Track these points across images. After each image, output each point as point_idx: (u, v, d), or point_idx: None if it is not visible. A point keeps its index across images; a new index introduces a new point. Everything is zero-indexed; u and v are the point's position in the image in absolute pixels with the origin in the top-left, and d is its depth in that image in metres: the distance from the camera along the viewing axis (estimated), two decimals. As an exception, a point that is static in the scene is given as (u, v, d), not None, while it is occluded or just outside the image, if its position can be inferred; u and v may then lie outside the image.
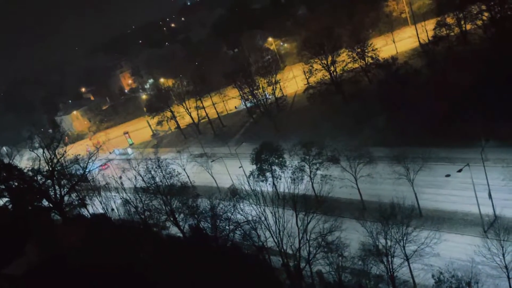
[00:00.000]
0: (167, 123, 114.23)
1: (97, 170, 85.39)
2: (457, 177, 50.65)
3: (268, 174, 60.79)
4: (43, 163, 66.33)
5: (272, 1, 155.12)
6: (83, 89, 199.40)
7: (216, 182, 73.14)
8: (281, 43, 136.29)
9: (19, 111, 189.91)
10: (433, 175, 54.51)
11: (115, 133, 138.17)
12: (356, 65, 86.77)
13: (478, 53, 69.25)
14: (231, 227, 45.62)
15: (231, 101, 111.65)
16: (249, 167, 64.22)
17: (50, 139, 71.37)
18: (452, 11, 79.21)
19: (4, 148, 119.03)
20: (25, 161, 79.86)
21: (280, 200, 48.42)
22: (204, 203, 54.61)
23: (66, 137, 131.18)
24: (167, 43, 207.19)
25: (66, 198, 64.93)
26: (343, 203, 57.46)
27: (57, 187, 64.19)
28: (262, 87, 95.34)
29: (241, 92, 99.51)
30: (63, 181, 66.37)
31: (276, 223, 40.97)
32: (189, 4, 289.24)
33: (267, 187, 56.05)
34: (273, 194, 51.15)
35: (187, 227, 53.27)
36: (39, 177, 64.61)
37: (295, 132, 78.80)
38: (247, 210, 44.59)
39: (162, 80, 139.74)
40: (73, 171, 70.24)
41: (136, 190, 58.24)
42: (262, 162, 61.35)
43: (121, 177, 73.81)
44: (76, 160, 72.11)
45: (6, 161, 69.63)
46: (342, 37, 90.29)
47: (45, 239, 45.33)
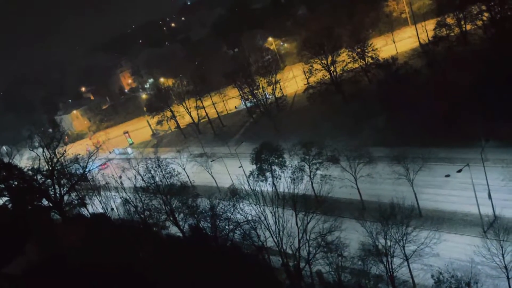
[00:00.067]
0: (167, 123, 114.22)
1: (97, 169, 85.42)
2: (456, 177, 50.67)
3: (268, 174, 60.79)
4: (43, 163, 66.36)
5: (272, 1, 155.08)
6: (83, 89, 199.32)
7: (216, 181, 73.14)
8: (281, 43, 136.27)
9: (19, 110, 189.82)
10: (432, 175, 54.54)
11: (115, 132, 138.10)
12: (356, 65, 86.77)
13: (478, 53, 69.24)
14: (231, 227, 45.64)
15: (231, 101, 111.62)
16: (249, 167, 64.23)
17: (50, 139, 71.40)
18: (452, 11, 79.23)
19: (4, 147, 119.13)
20: (25, 160, 79.91)
21: (279, 200, 48.39)
22: (203, 203, 54.63)
23: (66, 137, 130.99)
24: (167, 43, 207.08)
25: (66, 197, 64.90)
26: (343, 203, 57.46)
27: (57, 187, 64.17)
28: (262, 87, 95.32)
29: (241, 92, 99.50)
30: (63, 181, 66.37)
31: (275, 223, 40.99)
32: (189, 3, 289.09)
33: (267, 187, 56.04)
34: (273, 194, 51.13)
35: (186, 226, 53.29)
36: (39, 177, 64.60)
37: (295, 132, 78.78)
38: (247, 210, 44.60)
39: (162, 79, 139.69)
40: (73, 171, 70.25)
41: (136, 189, 58.20)
42: (262, 162, 61.35)
43: (121, 177, 73.84)
44: (76, 159, 72.08)
45: (6, 160, 69.60)
46: (342, 37, 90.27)
47: (45, 239, 45.33)
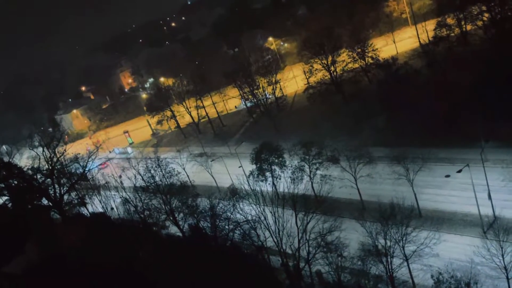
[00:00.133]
0: (167, 123, 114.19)
1: (97, 169, 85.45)
2: (456, 178, 50.67)
3: (268, 173, 60.78)
4: (43, 162, 66.37)
5: (272, 1, 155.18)
6: (83, 88, 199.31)
7: (215, 181, 73.14)
8: (281, 43, 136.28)
9: (19, 109, 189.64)
10: (432, 175, 54.54)
11: (115, 132, 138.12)
12: (356, 65, 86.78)
13: (478, 53, 69.25)
14: (231, 226, 45.60)
15: (231, 100, 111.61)
16: (249, 166, 64.23)
17: (50, 138, 71.47)
18: (453, 11, 79.25)
19: (4, 146, 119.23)
20: (25, 159, 79.91)
21: (279, 200, 48.35)
22: (203, 203, 54.62)
23: (66, 136, 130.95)
24: (167, 42, 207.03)
25: (65, 197, 64.88)
26: (343, 203, 57.45)
27: (56, 186, 64.15)
28: (262, 86, 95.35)
29: (241, 91, 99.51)
30: (63, 180, 66.35)
31: (275, 223, 40.96)
32: (189, 3, 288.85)
33: (266, 186, 56.00)
34: (272, 194, 51.06)
35: (186, 226, 53.30)
36: (38, 176, 64.60)
37: (295, 132, 78.77)
38: (247, 210, 44.56)
39: (162, 79, 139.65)
40: (73, 170, 70.25)
41: (136, 189, 58.21)
42: (262, 162, 61.35)
43: (120, 176, 73.94)
44: (76, 159, 72.11)
45: (6, 159, 69.70)
46: (342, 37, 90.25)
47: (45, 238, 45.28)
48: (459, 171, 45.37)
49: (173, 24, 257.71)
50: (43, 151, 66.88)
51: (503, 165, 51.77)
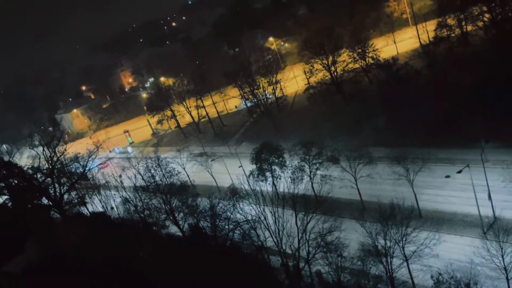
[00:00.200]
0: (167, 122, 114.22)
1: (97, 168, 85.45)
2: (456, 178, 50.71)
3: (268, 173, 60.81)
4: (43, 161, 66.29)
5: (273, 1, 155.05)
6: (84, 88, 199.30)
7: (215, 181, 73.15)
8: (281, 42, 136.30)
9: (20, 109, 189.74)
10: (432, 176, 54.54)
11: (115, 131, 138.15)
12: (357, 65, 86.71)
13: (478, 54, 69.25)
14: (231, 226, 45.62)
15: (232, 100, 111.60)
16: (249, 166, 64.24)
17: (50, 137, 71.38)
18: (453, 12, 79.20)
19: (4, 146, 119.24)
20: (25, 159, 79.91)
21: (279, 200, 48.38)
22: (203, 202, 54.66)
23: (66, 135, 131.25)
24: (167, 42, 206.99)
25: (65, 196, 64.85)
26: (343, 203, 57.46)
27: (57, 185, 64.11)
28: (263, 86, 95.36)
29: (241, 91, 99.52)
30: (63, 179, 66.31)
31: (275, 223, 40.98)
32: (190, 3, 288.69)
33: (266, 186, 56.03)
34: (272, 194, 51.11)
35: (186, 226, 53.32)
36: (39, 175, 64.57)
37: (295, 132, 78.82)
38: (247, 210, 44.58)
39: (162, 79, 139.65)
40: (73, 170, 70.25)
41: (136, 188, 58.24)
42: (262, 162, 61.36)
43: (121, 176, 73.96)
44: (76, 158, 72.11)
45: (6, 159, 69.60)
46: (342, 37, 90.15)
47: (45, 237, 45.26)
48: (459, 172, 45.40)
49: (173, 24, 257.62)
50: (43, 150, 66.80)
51: (503, 165, 51.77)
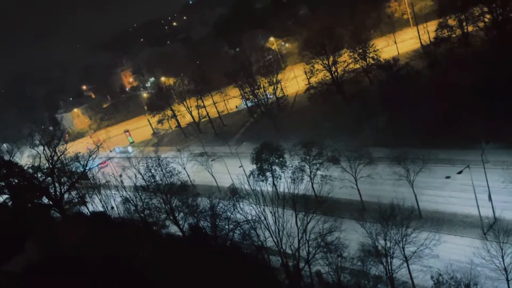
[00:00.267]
0: (168, 122, 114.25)
1: (97, 168, 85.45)
2: (457, 179, 50.73)
3: (268, 173, 60.75)
4: (43, 161, 66.32)
5: (273, 0, 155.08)
6: (84, 87, 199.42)
7: (216, 181, 73.17)
8: (282, 43, 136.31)
9: (20, 108, 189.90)
10: (433, 176, 54.47)
11: (115, 131, 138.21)
12: (358, 66, 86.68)
13: (479, 54, 69.21)
14: (231, 226, 45.61)
15: (232, 100, 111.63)
16: (249, 166, 64.22)
17: (51, 137, 71.32)
18: (454, 12, 79.14)
19: (4, 145, 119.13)
20: (25, 158, 79.80)
21: (280, 200, 48.35)
22: (204, 202, 54.65)
23: (67, 135, 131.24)
24: (168, 42, 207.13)
25: (66, 195, 64.92)
26: (343, 203, 57.45)
27: (57, 185, 64.17)
28: (263, 86, 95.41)
29: (242, 91, 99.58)
30: (63, 179, 66.35)
31: (275, 223, 40.96)
32: (190, 2, 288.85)
33: (267, 186, 56.00)
34: (273, 194, 51.12)
35: (186, 226, 53.30)
36: (39, 175, 64.63)
37: (295, 132, 78.81)
38: (247, 210, 44.54)
39: (163, 78, 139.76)
40: (73, 169, 70.27)
41: (136, 188, 58.24)
42: (262, 162, 61.33)
43: (121, 175, 73.99)
44: (76, 157, 72.09)
45: (6, 158, 69.58)
46: (343, 37, 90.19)
47: (45, 237, 45.28)
48: (460, 172, 45.42)
49: (174, 24, 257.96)
50: (44, 149, 66.80)
51: (503, 166, 51.75)
